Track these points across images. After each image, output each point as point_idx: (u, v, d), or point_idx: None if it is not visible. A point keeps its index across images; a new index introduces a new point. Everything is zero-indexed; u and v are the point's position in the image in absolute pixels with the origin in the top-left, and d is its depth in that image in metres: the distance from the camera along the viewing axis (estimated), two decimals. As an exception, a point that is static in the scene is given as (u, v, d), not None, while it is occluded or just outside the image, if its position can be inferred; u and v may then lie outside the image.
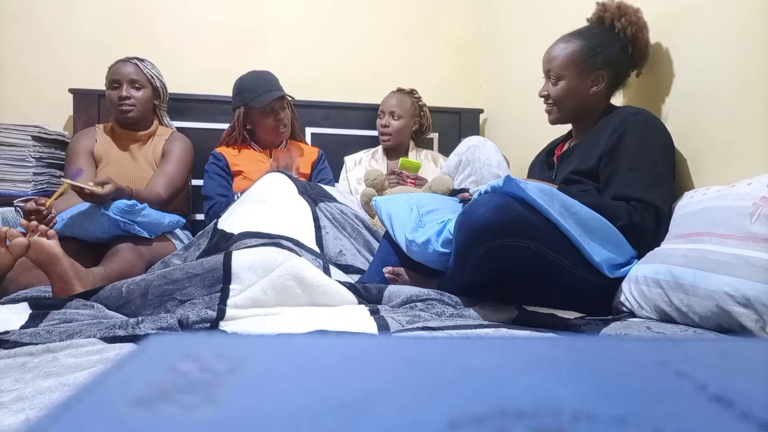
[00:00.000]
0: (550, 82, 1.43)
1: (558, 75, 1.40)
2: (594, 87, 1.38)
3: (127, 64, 1.96)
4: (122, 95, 1.91)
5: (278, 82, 2.09)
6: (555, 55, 1.41)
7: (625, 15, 1.39)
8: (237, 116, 2.09)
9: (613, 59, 1.38)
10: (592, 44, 1.37)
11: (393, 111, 2.25)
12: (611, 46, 1.38)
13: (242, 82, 2.07)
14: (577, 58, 1.38)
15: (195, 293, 1.09)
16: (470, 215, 1.08)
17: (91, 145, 1.96)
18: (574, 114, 1.43)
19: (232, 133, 2.12)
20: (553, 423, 0.15)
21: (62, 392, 0.63)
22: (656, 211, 1.19)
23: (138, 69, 1.97)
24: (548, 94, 1.44)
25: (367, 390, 0.18)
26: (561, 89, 1.40)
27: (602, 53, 1.37)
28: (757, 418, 0.16)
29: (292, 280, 1.12)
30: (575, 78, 1.38)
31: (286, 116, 2.10)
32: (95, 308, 1.05)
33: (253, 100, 2.01)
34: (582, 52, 1.37)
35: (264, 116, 2.04)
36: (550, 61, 1.42)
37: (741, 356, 0.23)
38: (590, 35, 1.39)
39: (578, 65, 1.38)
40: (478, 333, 0.94)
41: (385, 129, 2.25)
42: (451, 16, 2.71)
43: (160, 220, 1.70)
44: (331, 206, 1.70)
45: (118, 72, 1.94)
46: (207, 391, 0.17)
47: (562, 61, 1.39)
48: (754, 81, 1.15)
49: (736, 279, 0.90)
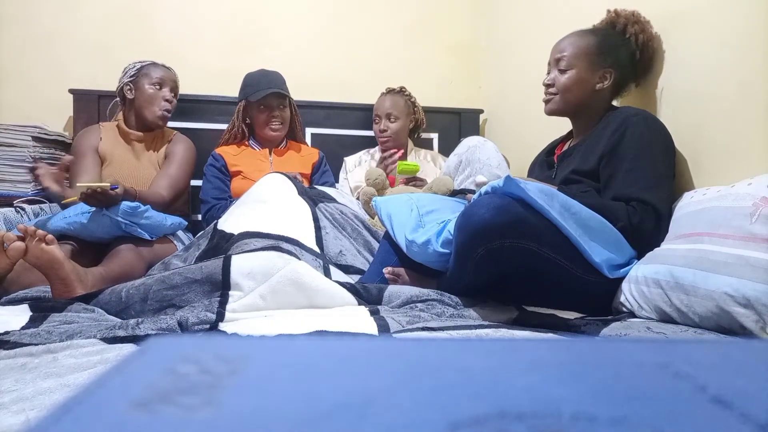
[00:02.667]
0: (558, 70, 1.42)
1: (569, 64, 1.40)
2: (600, 83, 1.39)
3: (170, 71, 2.03)
4: (168, 98, 1.97)
5: (283, 83, 2.12)
6: (567, 45, 1.41)
7: (638, 23, 1.41)
8: (237, 110, 2.15)
9: (622, 61, 1.40)
10: (605, 42, 1.39)
11: (389, 113, 2.24)
12: (623, 48, 1.40)
13: (247, 77, 2.13)
14: (591, 51, 1.39)
15: (194, 299, 1.09)
16: (470, 216, 1.08)
17: (96, 142, 1.96)
18: (574, 107, 1.42)
19: (232, 129, 2.16)
20: (552, 424, 0.15)
21: (62, 393, 0.63)
22: (656, 211, 1.19)
23: (177, 78, 2.04)
24: (553, 82, 1.44)
25: (367, 392, 0.18)
26: (569, 78, 1.40)
27: (614, 53, 1.39)
28: (756, 419, 0.16)
29: (291, 286, 1.11)
30: (585, 70, 1.39)
31: (283, 115, 2.11)
32: (96, 312, 1.05)
33: (251, 95, 2.06)
34: (596, 46, 1.39)
35: (260, 111, 2.08)
36: (562, 50, 1.42)
37: (741, 357, 0.23)
38: (604, 34, 1.41)
39: (590, 58, 1.39)
40: (478, 333, 0.94)
41: (383, 133, 2.24)
42: (451, 17, 2.71)
43: (163, 221, 1.70)
44: (331, 206, 1.70)
45: (165, 74, 1.99)
46: (207, 393, 0.17)
47: (575, 51, 1.40)
48: (754, 81, 1.14)
49: (736, 279, 0.90)
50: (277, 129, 2.11)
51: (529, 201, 1.05)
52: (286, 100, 2.12)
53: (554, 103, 1.45)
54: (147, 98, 1.95)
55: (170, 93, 1.98)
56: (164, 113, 1.97)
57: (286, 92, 2.11)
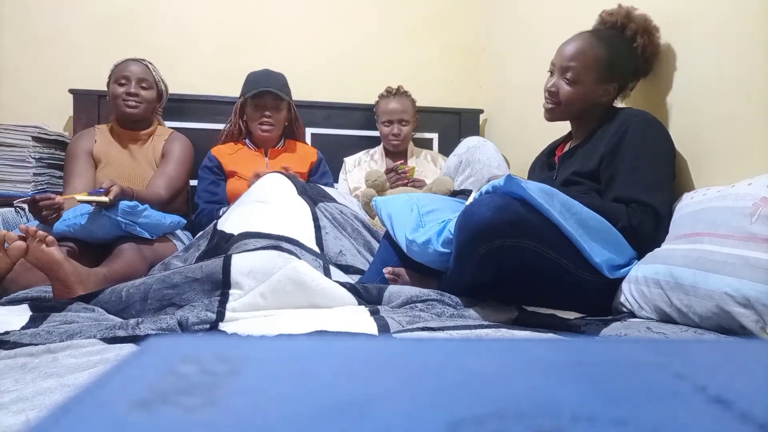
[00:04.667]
0: (564, 80, 1.36)
1: (576, 77, 1.34)
2: (604, 96, 1.37)
3: (137, 63, 1.98)
4: (130, 91, 1.93)
5: (284, 85, 2.10)
6: (577, 54, 1.34)
7: (647, 33, 1.36)
8: (236, 106, 2.16)
9: (628, 73, 1.37)
10: (614, 54, 1.34)
11: (402, 118, 2.24)
12: (629, 58, 1.36)
13: (250, 75, 2.13)
14: (601, 66, 1.33)
15: (194, 298, 1.09)
16: (471, 215, 1.08)
17: (90, 146, 1.96)
18: (575, 116, 1.42)
19: (230, 126, 2.18)
20: (552, 425, 0.15)
21: (62, 393, 0.63)
22: (655, 213, 1.19)
23: (147, 70, 2.00)
24: (557, 90, 1.38)
25: (367, 392, 0.18)
26: (575, 92, 1.35)
27: (622, 67, 1.35)
28: (756, 419, 0.16)
29: (291, 285, 1.11)
30: (592, 85, 1.34)
31: (276, 117, 2.09)
32: (96, 311, 1.05)
33: (248, 92, 2.06)
34: (606, 60, 1.33)
35: (253, 109, 2.08)
36: (571, 59, 1.35)
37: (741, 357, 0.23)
38: (614, 43, 1.35)
39: (599, 73, 1.34)
40: (479, 333, 0.94)
41: (397, 137, 2.24)
42: (451, 17, 2.71)
43: (162, 220, 1.70)
44: (331, 206, 1.70)
45: (127, 69, 1.95)
46: (207, 393, 0.17)
47: (585, 66, 1.33)
48: (754, 81, 1.15)
49: (736, 279, 0.90)
50: (266, 130, 2.08)
51: (529, 200, 1.05)
52: (282, 103, 2.09)
53: (556, 114, 1.41)
54: (114, 97, 1.95)
55: (137, 86, 1.94)
56: (130, 105, 1.94)
57: (284, 94, 2.07)
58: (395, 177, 2.04)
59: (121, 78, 1.94)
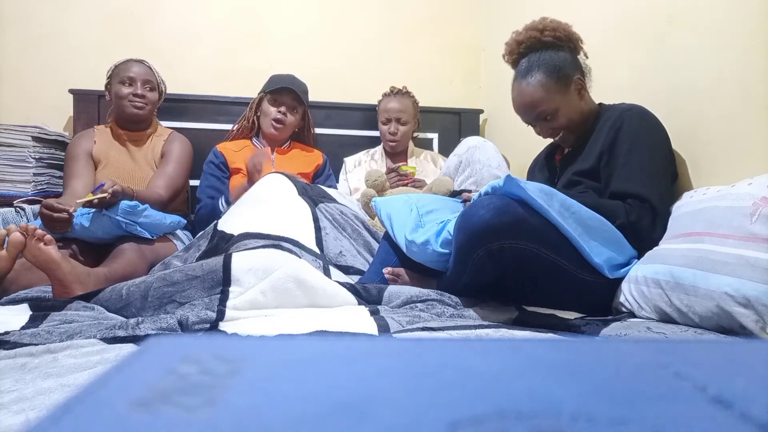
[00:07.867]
0: (545, 123, 1.38)
1: (550, 111, 1.35)
2: (581, 92, 1.37)
3: (140, 64, 1.98)
4: (137, 93, 1.93)
5: (304, 91, 2.14)
6: (533, 99, 1.35)
7: (546, 29, 1.37)
8: (252, 102, 2.18)
9: (571, 60, 1.37)
10: (549, 63, 1.34)
11: (399, 117, 2.23)
12: (560, 52, 1.36)
13: (274, 76, 2.16)
14: (551, 83, 1.33)
15: (195, 295, 1.09)
16: (470, 217, 1.08)
17: (89, 146, 1.96)
18: (581, 126, 1.40)
19: (242, 120, 2.19)
20: (552, 424, 0.15)
21: (62, 393, 0.63)
22: (652, 207, 1.19)
23: (151, 71, 2.00)
24: (551, 131, 1.40)
25: (367, 392, 0.18)
26: (562, 118, 1.36)
27: (561, 62, 1.34)
28: (756, 419, 0.16)
29: (291, 283, 1.11)
30: (563, 99, 1.35)
31: (289, 118, 2.11)
32: (96, 310, 1.05)
33: (269, 88, 2.10)
34: (549, 75, 1.33)
35: (270, 103, 2.10)
36: (534, 106, 1.36)
37: (740, 357, 0.23)
38: (539, 61, 1.35)
39: (558, 87, 1.34)
40: (478, 333, 0.94)
41: (393, 136, 2.24)
42: (451, 17, 2.71)
43: (162, 220, 1.71)
44: (331, 207, 1.70)
45: (132, 70, 1.95)
46: (207, 393, 0.17)
47: (544, 97, 1.34)
48: (754, 81, 1.15)
49: (736, 279, 0.90)
50: (277, 128, 2.10)
51: (528, 201, 1.05)
52: (299, 106, 2.13)
53: (569, 139, 1.41)
54: (119, 97, 1.94)
55: (142, 87, 1.95)
56: (138, 106, 1.94)
57: (303, 97, 2.11)
58: (396, 177, 2.03)
59: (126, 79, 1.93)
